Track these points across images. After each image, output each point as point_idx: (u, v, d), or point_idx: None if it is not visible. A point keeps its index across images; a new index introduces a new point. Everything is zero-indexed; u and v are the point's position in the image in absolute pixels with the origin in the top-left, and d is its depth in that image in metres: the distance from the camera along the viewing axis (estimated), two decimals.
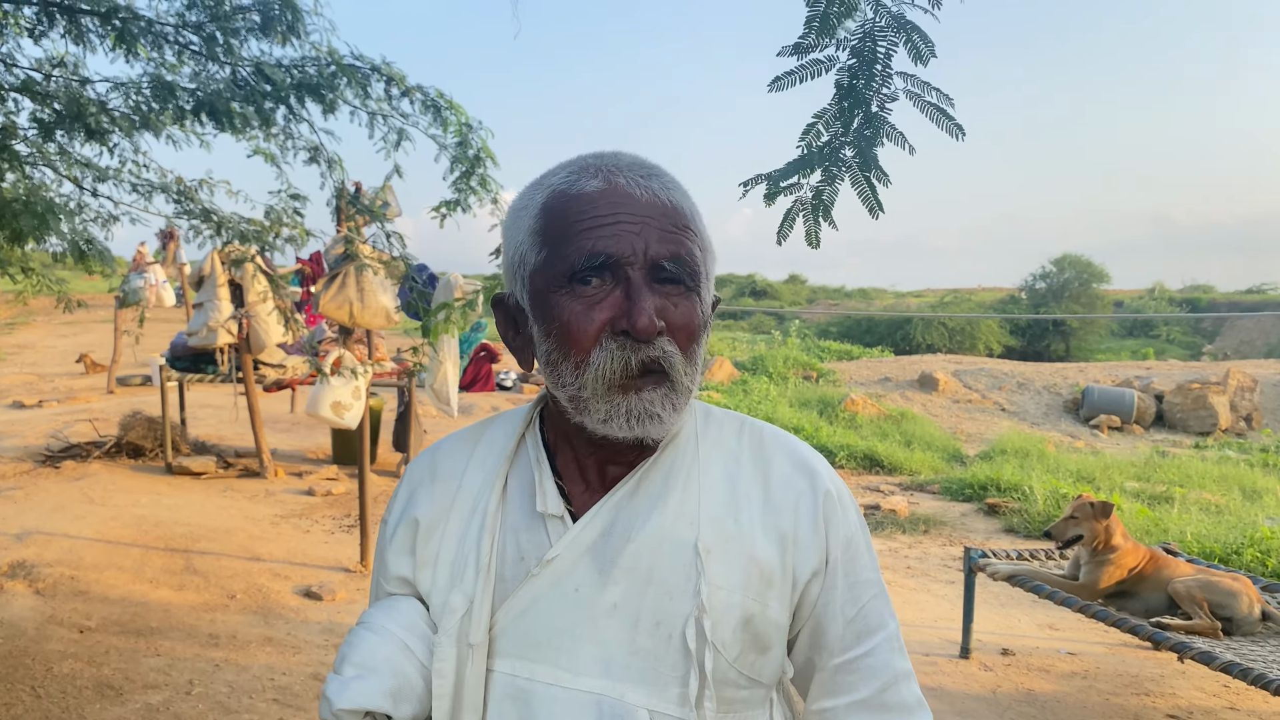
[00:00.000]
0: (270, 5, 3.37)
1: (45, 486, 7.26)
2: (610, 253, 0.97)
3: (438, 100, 4.37)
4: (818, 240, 1.86)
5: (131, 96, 3.65)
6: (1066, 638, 5.38)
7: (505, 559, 1.06)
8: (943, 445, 11.10)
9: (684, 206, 1.02)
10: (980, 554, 4.98)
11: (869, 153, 1.74)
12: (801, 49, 1.71)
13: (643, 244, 0.97)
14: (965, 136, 1.68)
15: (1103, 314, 28.56)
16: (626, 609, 1.02)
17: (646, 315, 0.95)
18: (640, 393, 0.98)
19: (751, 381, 14.40)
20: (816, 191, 1.81)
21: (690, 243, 1.01)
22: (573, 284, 0.99)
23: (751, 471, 1.10)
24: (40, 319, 21.21)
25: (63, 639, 4.57)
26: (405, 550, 1.12)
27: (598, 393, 0.98)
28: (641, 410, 0.98)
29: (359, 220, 5.10)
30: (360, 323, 5.48)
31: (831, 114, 1.78)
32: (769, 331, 24.22)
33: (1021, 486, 8.40)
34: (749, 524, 1.06)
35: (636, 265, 0.97)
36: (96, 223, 4.48)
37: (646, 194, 1.00)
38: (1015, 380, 15.33)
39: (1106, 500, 4.67)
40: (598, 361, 0.97)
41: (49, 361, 15.76)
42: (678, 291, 1.01)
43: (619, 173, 1.01)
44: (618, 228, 0.98)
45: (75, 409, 10.86)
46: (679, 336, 1.00)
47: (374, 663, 1.04)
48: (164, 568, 5.64)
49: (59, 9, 3.73)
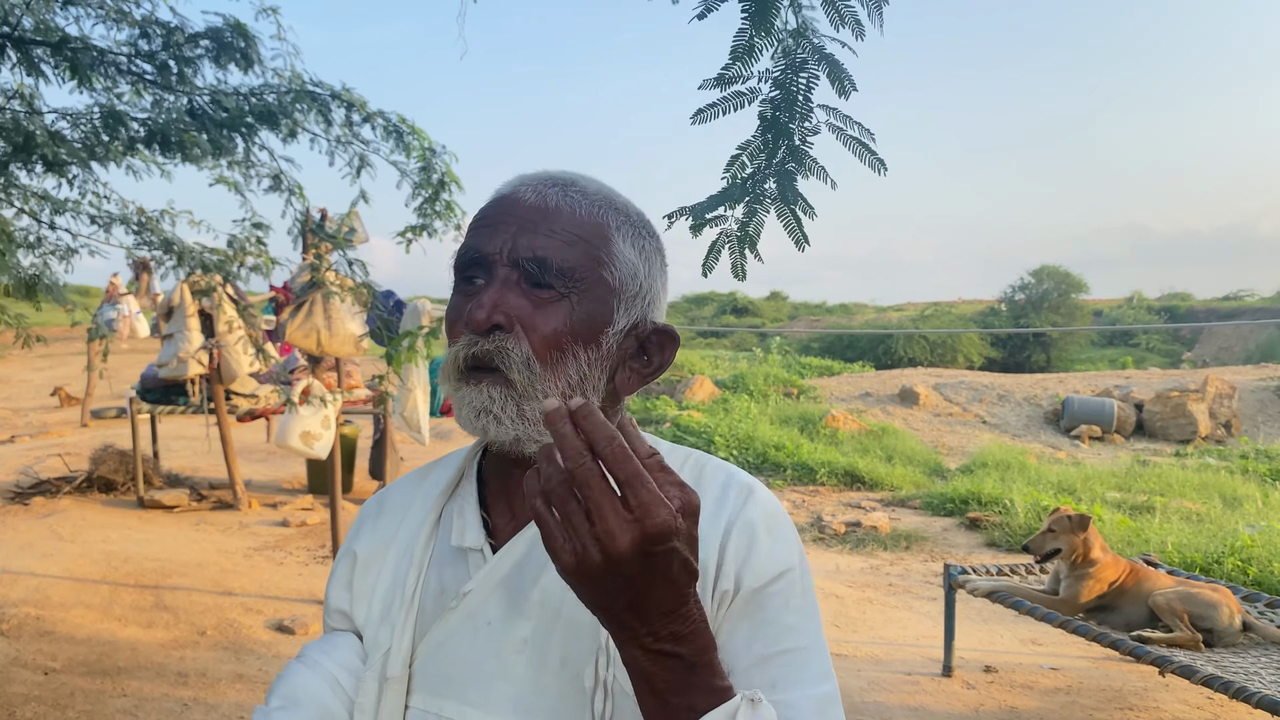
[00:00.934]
0: (222, 33, 3.33)
1: (13, 524, 7.13)
2: (480, 249, 0.98)
3: (399, 126, 4.33)
4: (744, 272, 1.83)
5: (80, 127, 3.59)
6: (1049, 653, 5.34)
7: (429, 593, 1.05)
8: (924, 460, 11.08)
9: (581, 213, 0.99)
10: (960, 571, 4.93)
11: (792, 185, 1.72)
12: (724, 80, 1.68)
13: (510, 242, 0.96)
14: (887, 171, 1.65)
15: (1082, 325, 28.72)
16: (536, 645, 0.98)
17: (481, 308, 0.94)
18: (473, 385, 0.96)
19: (732, 400, 14.35)
20: (741, 224, 1.78)
21: (569, 247, 0.97)
22: (459, 282, 1.01)
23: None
24: (15, 353, 20.98)
25: (26, 681, 4.47)
26: (344, 584, 1.12)
27: (446, 385, 1.00)
28: (476, 405, 0.96)
29: (324, 247, 5.04)
30: (328, 351, 5.41)
31: (755, 146, 1.75)
32: (750, 349, 24.23)
33: (1003, 500, 8.38)
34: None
35: (500, 262, 0.97)
36: (55, 255, 4.41)
37: (537, 199, 0.98)
38: (996, 392, 15.35)
39: (1084, 513, 4.64)
40: (449, 352, 0.99)
41: (23, 395, 15.59)
42: (548, 295, 0.97)
43: (526, 183, 1.01)
44: (496, 227, 0.98)
45: (48, 444, 10.72)
46: (533, 338, 0.96)
47: (300, 696, 1.02)
48: (133, 605, 5.53)
49: (9, 40, 3.67)
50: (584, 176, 1.04)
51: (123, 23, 3.56)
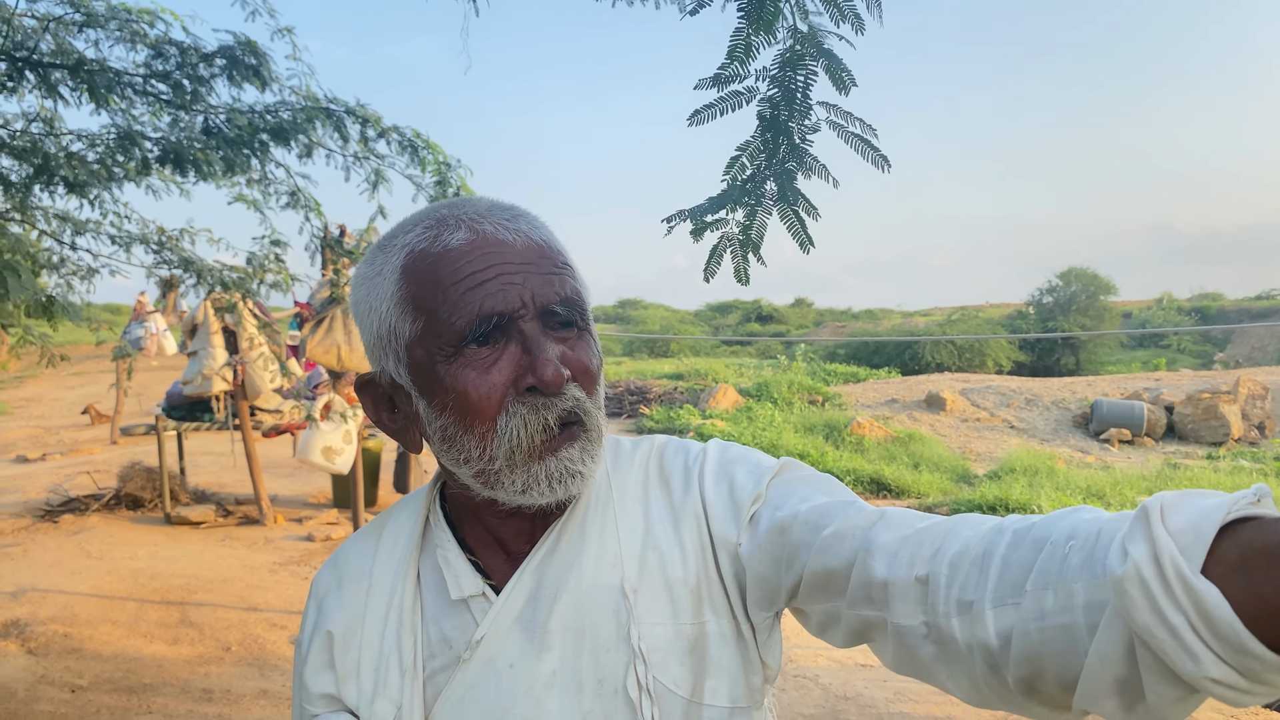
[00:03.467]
0: (234, 50, 3.35)
1: (43, 542, 7.20)
2: (498, 310, 0.89)
3: (414, 140, 4.35)
4: (747, 277, 1.79)
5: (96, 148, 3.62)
6: None
7: (433, 652, 0.99)
8: (951, 466, 10.98)
9: (555, 244, 0.96)
10: None
11: (793, 185, 1.69)
12: (721, 80, 1.65)
13: (529, 292, 0.90)
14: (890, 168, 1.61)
15: (1111, 328, 28.42)
16: (566, 674, 0.94)
17: (552, 366, 0.89)
18: (558, 453, 0.92)
19: (756, 408, 14.30)
20: (744, 227, 1.75)
21: (573, 280, 0.95)
22: (462, 350, 0.90)
23: (658, 491, 1.03)
24: (46, 372, 21.27)
25: (54, 699, 4.50)
26: (324, 666, 1.03)
27: (513, 462, 0.91)
28: (563, 471, 0.92)
29: (343, 263, 5.07)
30: (349, 366, 5.43)
31: (755, 146, 1.72)
32: (775, 357, 24.15)
33: (1031, 506, 8.29)
34: (666, 545, 0.99)
35: (528, 316, 0.90)
36: (76, 276, 4.45)
37: (519, 238, 0.92)
38: (1023, 397, 15.21)
39: None
40: (508, 429, 0.90)
41: (55, 414, 15.78)
42: (571, 334, 0.94)
43: (481, 220, 0.93)
44: (500, 280, 0.90)
45: (78, 461, 10.84)
46: (583, 380, 0.94)
47: None
48: (159, 621, 5.56)
49: (28, 64, 3.72)
50: (505, 201, 1.00)
51: (138, 43, 3.59)
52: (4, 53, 3.79)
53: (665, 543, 0.99)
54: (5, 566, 6.57)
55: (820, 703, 4.62)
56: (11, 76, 3.84)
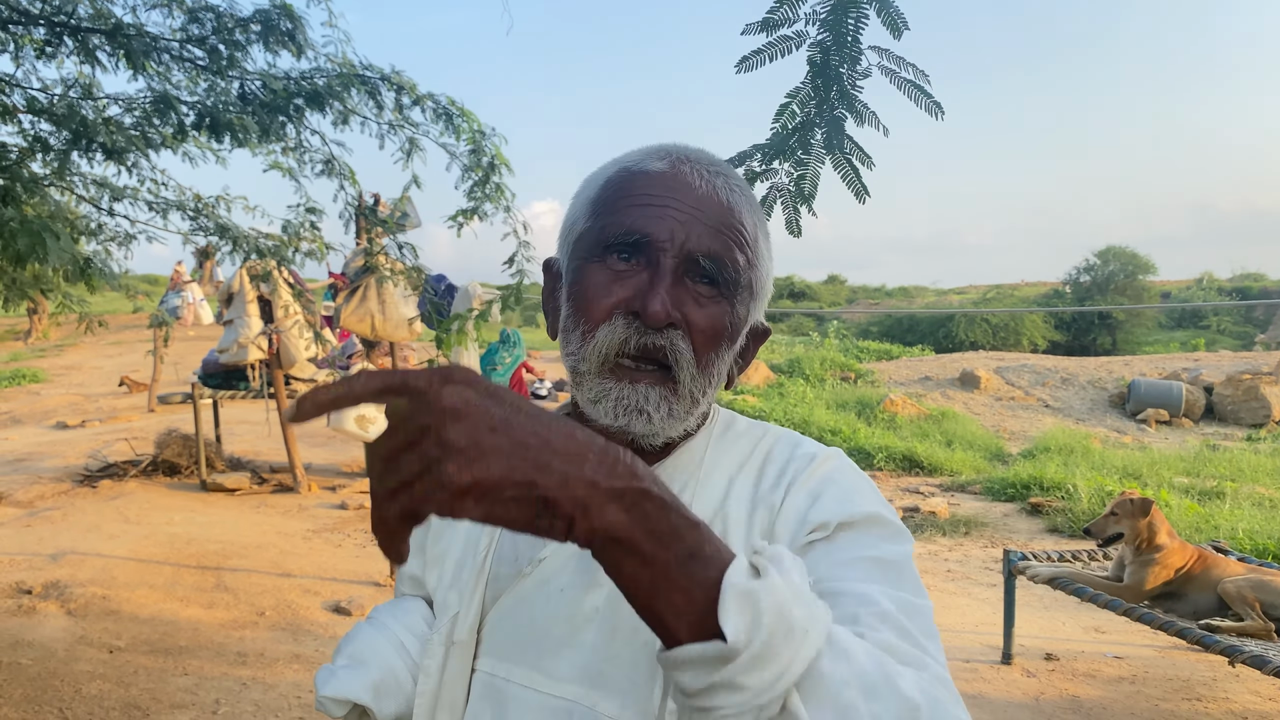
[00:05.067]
0: (270, 15, 3.34)
1: (82, 506, 7.31)
2: (647, 232, 0.92)
3: (449, 108, 4.32)
4: (799, 229, 1.75)
5: (133, 112, 3.63)
6: (1113, 641, 5.21)
7: (502, 559, 1.04)
8: (984, 444, 10.88)
9: (742, 211, 0.97)
10: (1020, 556, 4.83)
11: (844, 133, 1.64)
12: (770, 25, 1.61)
13: (684, 233, 0.92)
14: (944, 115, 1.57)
15: (1149, 305, 28.01)
16: (607, 613, 0.96)
17: (660, 300, 0.90)
18: (636, 383, 0.93)
19: (788, 384, 14.23)
20: (795, 178, 1.71)
21: (736, 248, 0.95)
22: (605, 256, 0.95)
23: (751, 473, 1.03)
24: (87, 340, 21.55)
25: (92, 659, 4.57)
26: (417, 549, 1.11)
27: (593, 368, 0.94)
28: (633, 402, 0.93)
29: (376, 232, 5.07)
30: (382, 335, 5.44)
31: (805, 93, 1.68)
32: (808, 334, 24.02)
33: (1065, 485, 8.20)
34: (735, 522, 0.98)
35: (670, 253, 0.92)
36: (114, 242, 4.48)
37: (706, 187, 0.95)
38: (1059, 376, 15.04)
39: (1147, 497, 4.50)
40: (602, 336, 0.93)
41: (94, 382, 15.99)
42: (710, 293, 0.95)
43: (686, 161, 0.97)
44: (664, 210, 0.93)
45: (116, 428, 10.98)
46: (697, 337, 0.94)
47: (365, 656, 1.03)
48: (195, 585, 5.63)
49: (66, 29, 3.73)
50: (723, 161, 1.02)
51: (175, 8, 3.59)
52: (43, 17, 3.81)
53: (735, 521, 0.99)
54: (46, 530, 6.68)
55: None
56: (50, 42, 3.86)
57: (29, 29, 3.92)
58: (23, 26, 3.90)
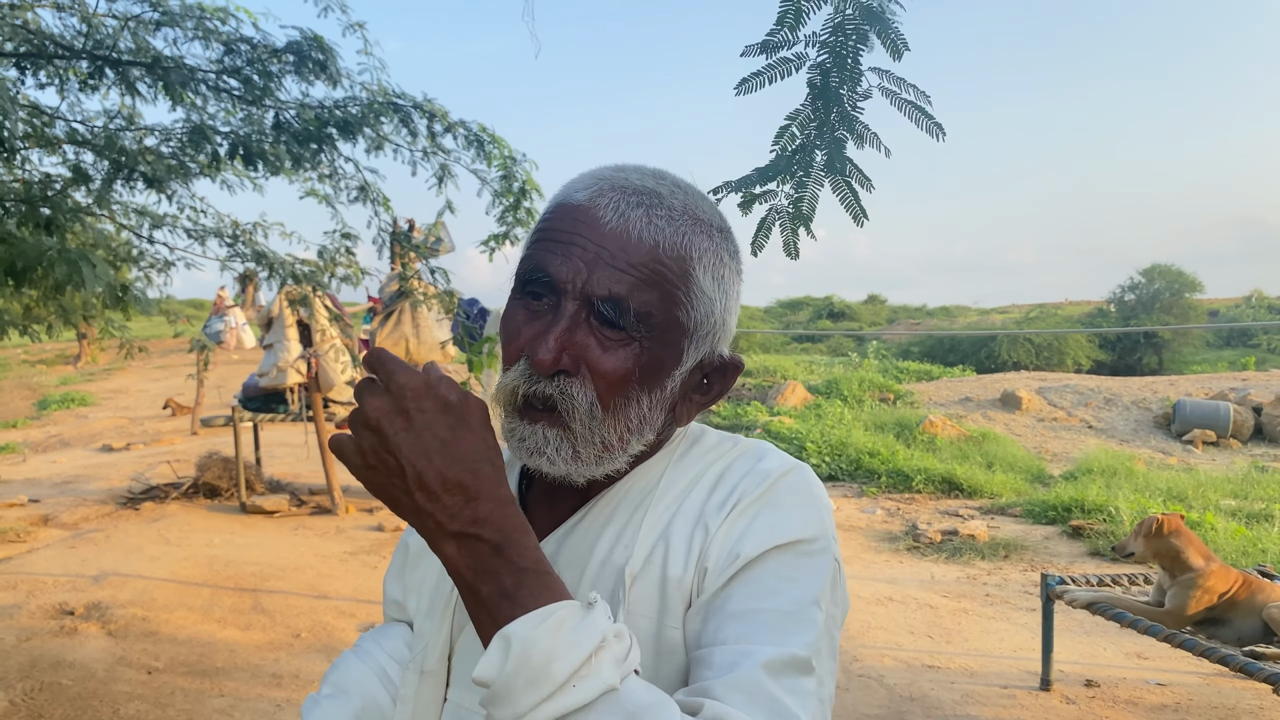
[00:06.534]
0: (302, 46, 3.40)
1: (124, 528, 7.43)
2: (548, 273, 0.91)
3: (480, 135, 4.37)
4: (796, 251, 1.75)
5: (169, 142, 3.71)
6: (1156, 667, 5.10)
7: None
8: (1025, 466, 10.72)
9: (664, 246, 0.91)
10: (1058, 581, 4.75)
11: (844, 155, 1.64)
12: (770, 47, 1.61)
13: (584, 275, 0.89)
14: (945, 136, 1.56)
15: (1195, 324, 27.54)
16: None
17: (546, 348, 0.89)
18: (534, 423, 0.93)
19: (825, 405, 14.14)
20: (794, 200, 1.70)
21: (649, 287, 0.90)
22: (522, 293, 0.95)
23: (705, 488, 0.99)
24: (134, 364, 21.94)
25: (131, 680, 4.63)
26: (397, 574, 1.15)
27: (502, 406, 0.95)
28: (533, 443, 0.93)
29: (411, 257, 5.13)
30: (416, 358, 5.49)
31: (805, 115, 1.68)
32: (846, 354, 23.87)
33: (1108, 507, 8.06)
34: (677, 541, 0.95)
35: (570, 294, 0.90)
36: (154, 269, 4.57)
37: (619, 222, 0.90)
38: (1102, 396, 14.81)
39: (1173, 515, 4.42)
40: (507, 377, 0.93)
41: (140, 405, 16.26)
42: (617, 337, 0.91)
43: (609, 192, 0.92)
44: (569, 249, 0.90)
45: (159, 451, 11.16)
46: (599, 382, 0.91)
47: (349, 685, 1.06)
48: (232, 607, 5.70)
49: (108, 61, 3.82)
50: (668, 182, 0.96)
51: (212, 40, 3.67)
52: (86, 52, 3.91)
53: (678, 539, 0.95)
54: (89, 551, 6.79)
55: (885, 703, 4.55)
56: (93, 75, 3.96)
57: (73, 62, 4.03)
58: (67, 60, 4.02)
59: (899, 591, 6.38)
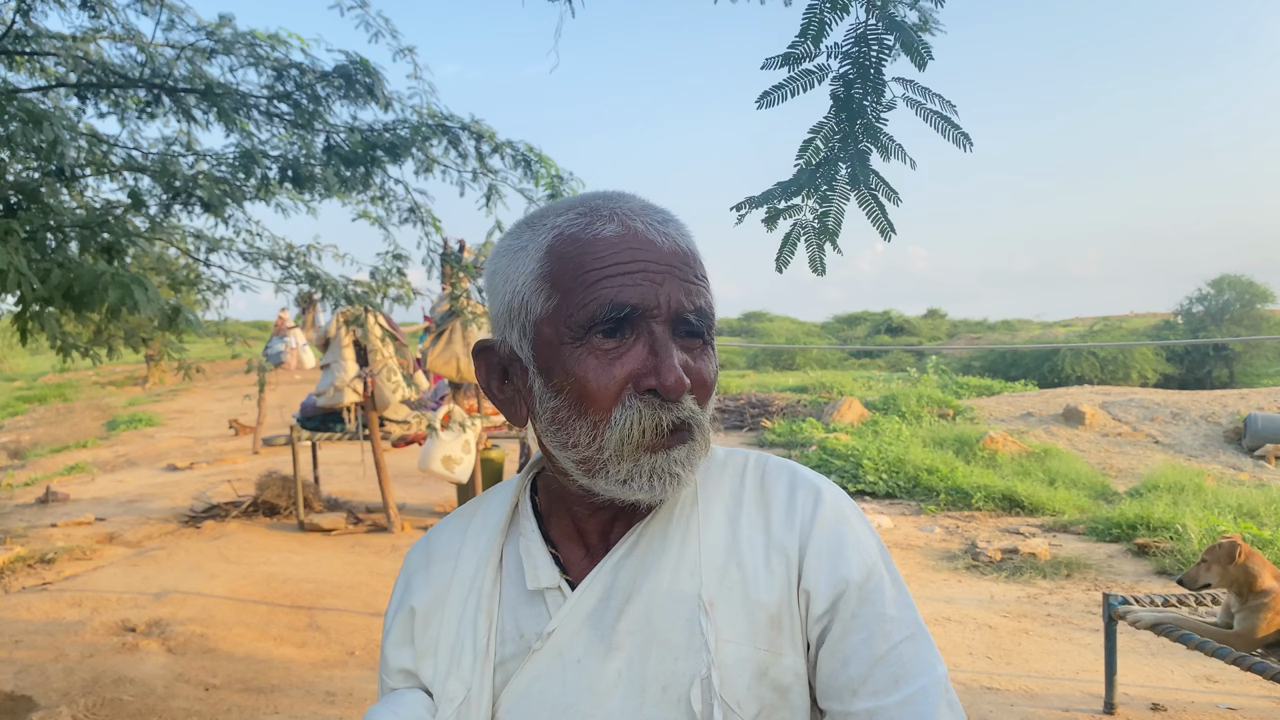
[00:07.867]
0: (349, 70, 3.46)
1: (185, 546, 7.56)
2: (633, 303, 0.90)
3: (527, 154, 4.40)
4: (823, 266, 1.71)
5: (221, 167, 3.79)
6: (1226, 691, 4.93)
7: (505, 639, 1.01)
8: (1089, 482, 10.48)
9: (697, 255, 0.97)
10: (1120, 600, 4.62)
11: (869, 168, 1.61)
12: (792, 59, 1.58)
13: (666, 295, 0.92)
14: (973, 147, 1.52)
15: (1267, 336, 26.76)
16: (631, 676, 0.94)
17: (676, 374, 0.90)
18: (670, 451, 0.93)
19: (882, 422, 13.97)
20: (819, 214, 1.67)
21: (708, 293, 0.96)
22: (589, 336, 0.91)
23: (754, 510, 1.01)
24: (199, 385, 22.43)
25: (189, 696, 4.70)
26: (404, 641, 1.07)
27: (621, 454, 0.92)
28: (666, 470, 0.93)
29: (461, 277, 5.17)
30: (467, 377, 5.54)
31: (829, 128, 1.65)
32: (905, 369, 23.58)
33: (1174, 525, 7.83)
34: (752, 567, 0.97)
35: (660, 318, 0.92)
36: (210, 291, 4.65)
37: (666, 241, 0.94)
38: (1169, 410, 14.44)
39: (1235, 539, 4.27)
40: (621, 421, 0.91)
41: (204, 425, 16.60)
42: (697, 345, 0.96)
43: (634, 217, 0.94)
44: (642, 276, 0.91)
45: (221, 470, 11.37)
46: (699, 392, 0.95)
47: None
48: (288, 624, 5.76)
49: (164, 89, 3.92)
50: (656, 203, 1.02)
51: (263, 66, 3.74)
52: (143, 81, 4.01)
53: (752, 562, 0.97)
54: (151, 569, 6.92)
55: None
56: (150, 103, 4.06)
57: (131, 91, 4.14)
58: (125, 89, 4.12)
59: (957, 611, 6.25)
